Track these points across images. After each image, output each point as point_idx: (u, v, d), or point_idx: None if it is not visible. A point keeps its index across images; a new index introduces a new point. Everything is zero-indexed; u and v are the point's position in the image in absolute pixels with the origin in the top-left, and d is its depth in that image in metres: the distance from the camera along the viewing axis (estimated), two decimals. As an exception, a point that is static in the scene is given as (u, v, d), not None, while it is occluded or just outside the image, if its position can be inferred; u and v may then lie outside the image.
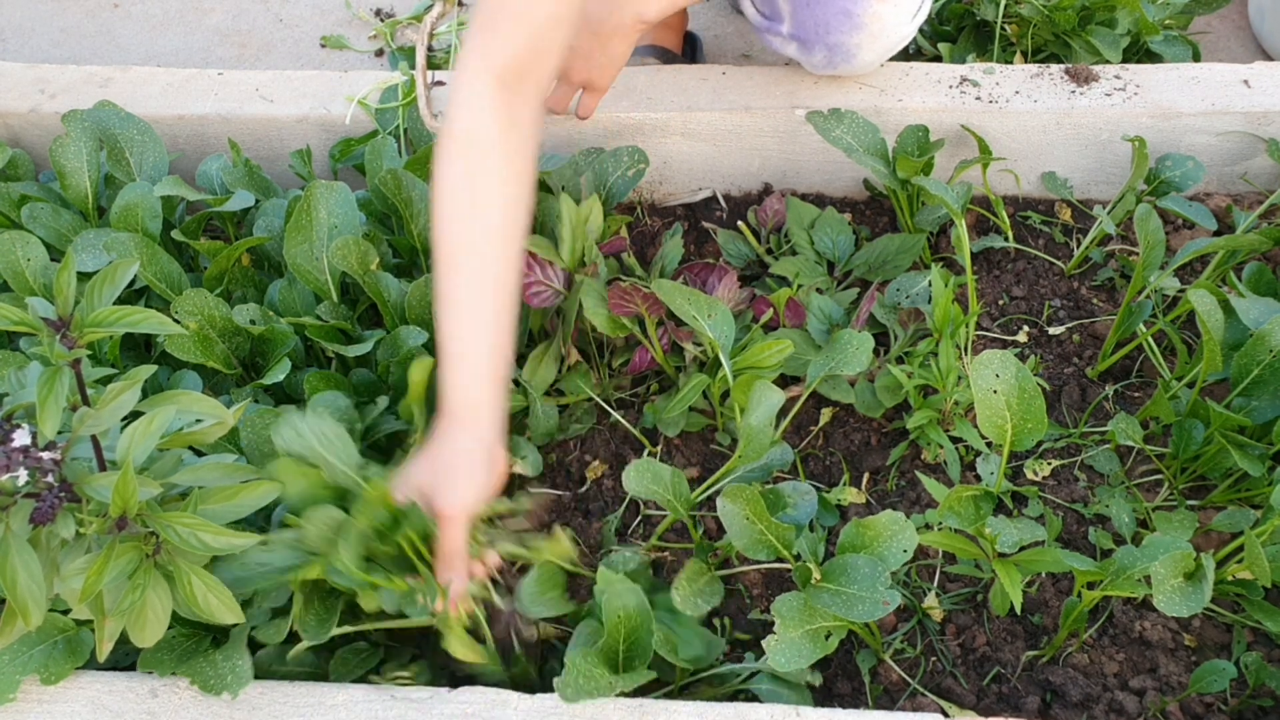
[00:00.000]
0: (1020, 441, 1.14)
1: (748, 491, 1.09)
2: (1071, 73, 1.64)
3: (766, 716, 1.03)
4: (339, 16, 2.29)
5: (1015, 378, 1.13)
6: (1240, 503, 1.27)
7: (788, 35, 1.55)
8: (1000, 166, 1.64)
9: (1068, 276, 1.56)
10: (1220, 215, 1.62)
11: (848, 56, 1.53)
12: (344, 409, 1.26)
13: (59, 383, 0.89)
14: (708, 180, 1.72)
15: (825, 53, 1.53)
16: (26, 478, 0.89)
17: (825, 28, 1.50)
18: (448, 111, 1.20)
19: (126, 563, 0.93)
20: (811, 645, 1.05)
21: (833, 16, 1.48)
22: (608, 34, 1.41)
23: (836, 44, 1.51)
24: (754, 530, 1.10)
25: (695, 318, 1.32)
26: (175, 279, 1.40)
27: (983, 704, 1.16)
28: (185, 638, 1.10)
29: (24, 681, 1.06)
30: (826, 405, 1.43)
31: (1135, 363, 1.46)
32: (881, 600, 1.02)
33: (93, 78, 1.75)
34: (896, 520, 1.08)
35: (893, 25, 1.49)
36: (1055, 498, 1.32)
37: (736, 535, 1.09)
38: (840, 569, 1.07)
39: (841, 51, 1.53)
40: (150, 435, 0.95)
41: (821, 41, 1.52)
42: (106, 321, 0.93)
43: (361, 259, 1.38)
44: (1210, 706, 1.15)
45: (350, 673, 1.16)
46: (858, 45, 1.51)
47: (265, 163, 1.73)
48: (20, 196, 1.53)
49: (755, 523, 1.10)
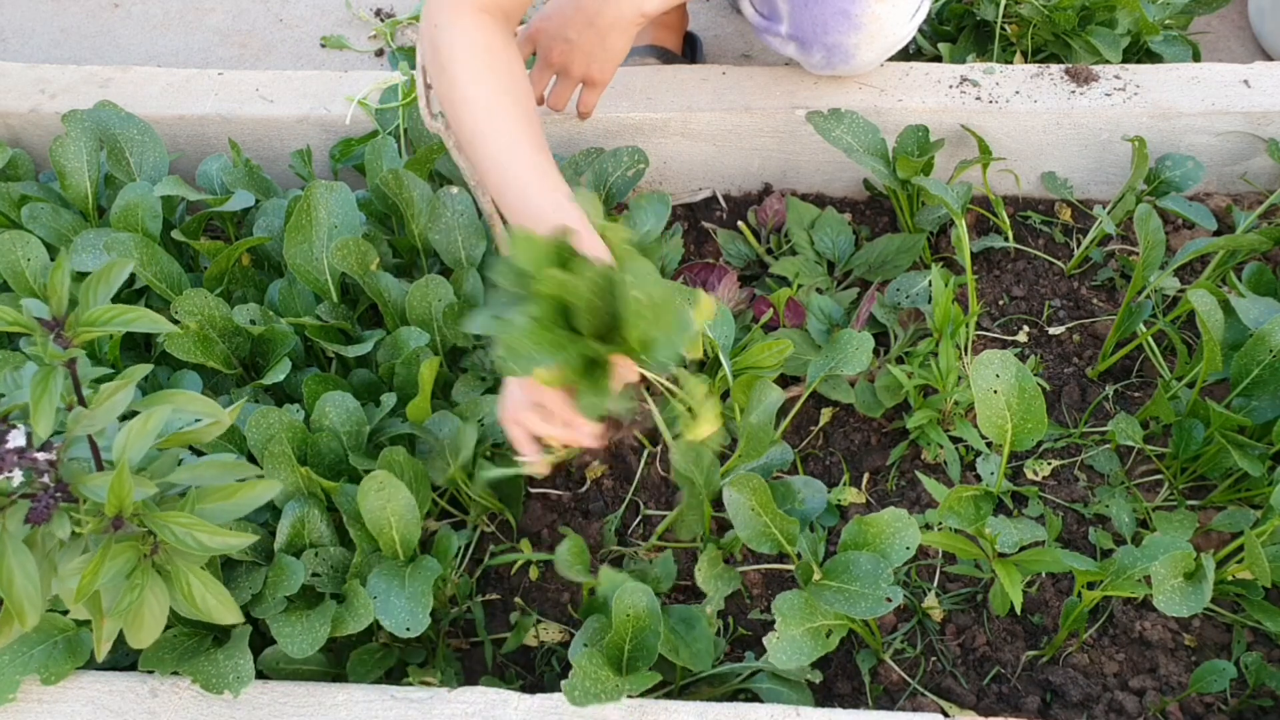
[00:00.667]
0: (1020, 441, 1.14)
1: (754, 481, 1.08)
2: (1071, 73, 1.64)
3: (766, 716, 1.03)
4: (339, 16, 2.29)
5: (1015, 378, 1.13)
6: (1240, 503, 1.27)
7: (786, 35, 1.55)
8: (1000, 166, 1.64)
9: (1068, 276, 1.56)
10: (1220, 215, 1.61)
11: (846, 57, 1.53)
12: (351, 410, 1.26)
13: (53, 383, 0.89)
14: (708, 180, 1.72)
15: (824, 53, 1.53)
16: (21, 478, 0.89)
17: (823, 28, 1.50)
18: (434, 38, 1.25)
19: (123, 563, 0.93)
20: (812, 643, 1.04)
21: (830, 17, 1.48)
22: (605, 27, 1.40)
23: (834, 44, 1.51)
24: (759, 521, 1.10)
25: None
26: (175, 279, 1.40)
27: (983, 704, 1.16)
28: (186, 637, 1.10)
29: (24, 681, 1.06)
30: (826, 405, 1.43)
31: (1135, 363, 1.46)
32: (884, 597, 1.02)
33: (93, 78, 1.75)
34: (900, 517, 1.07)
35: (891, 26, 1.49)
36: (1055, 498, 1.32)
37: (742, 525, 1.09)
38: (843, 566, 1.07)
39: (840, 52, 1.52)
40: (146, 435, 0.94)
41: (819, 42, 1.52)
42: (101, 321, 0.93)
43: (361, 259, 1.38)
44: (1210, 706, 1.14)
45: (368, 674, 1.16)
46: (855, 46, 1.51)
47: (265, 163, 1.73)
48: (20, 196, 1.53)
49: (760, 514, 1.09)
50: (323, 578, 1.17)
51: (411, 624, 1.09)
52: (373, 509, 1.13)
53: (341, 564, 1.18)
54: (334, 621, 1.10)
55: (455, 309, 1.37)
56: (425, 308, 1.37)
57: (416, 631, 1.09)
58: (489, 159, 1.21)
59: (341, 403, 1.26)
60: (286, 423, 1.21)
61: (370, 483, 1.13)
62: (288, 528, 1.18)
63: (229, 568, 1.16)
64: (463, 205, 1.45)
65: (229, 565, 1.16)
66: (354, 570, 1.16)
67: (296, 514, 1.18)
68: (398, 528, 1.14)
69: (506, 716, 1.05)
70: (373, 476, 1.13)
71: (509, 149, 1.20)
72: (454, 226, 1.44)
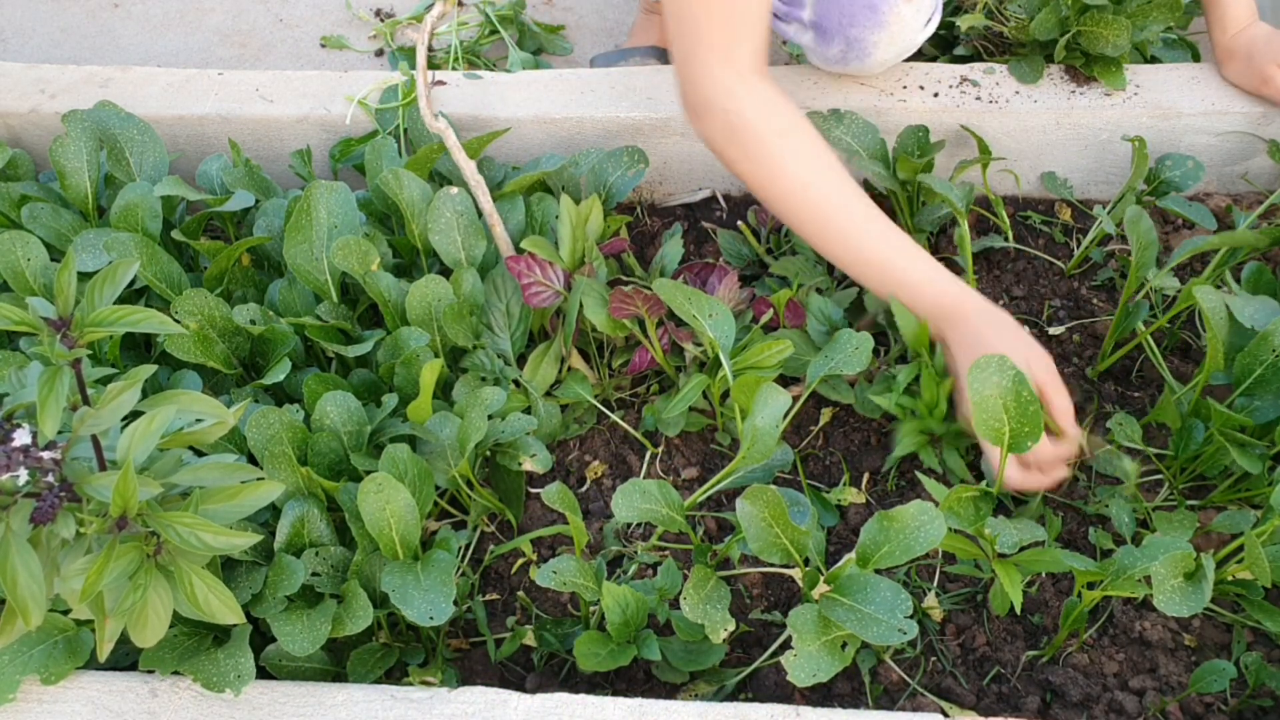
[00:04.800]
0: (1017, 445, 1.14)
1: (768, 494, 1.07)
2: (1072, 73, 1.64)
3: (766, 716, 1.03)
4: (339, 16, 2.29)
5: (1012, 382, 1.13)
6: (1240, 503, 1.27)
7: (808, 22, 1.53)
8: (1000, 166, 1.64)
9: (1068, 276, 1.57)
10: (1220, 215, 1.62)
11: (863, 53, 1.52)
12: (353, 409, 1.26)
13: (59, 382, 0.89)
14: (708, 180, 1.73)
15: (843, 46, 1.52)
16: (27, 477, 0.89)
17: (850, 19, 1.49)
18: (733, 118, 1.28)
19: (127, 563, 0.93)
20: (830, 657, 1.02)
21: (859, 10, 1.47)
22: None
23: (856, 38, 1.50)
24: (770, 534, 1.09)
25: (695, 318, 1.32)
26: (175, 279, 1.40)
27: (982, 704, 1.16)
28: (187, 636, 1.10)
29: (24, 681, 1.06)
30: (826, 405, 1.43)
31: (1135, 363, 1.46)
32: (899, 628, 0.99)
33: (93, 78, 1.75)
34: (925, 510, 1.04)
35: (911, 28, 1.49)
36: (1055, 497, 1.32)
37: (754, 537, 1.08)
38: (859, 585, 1.04)
39: (859, 47, 1.52)
40: (150, 435, 0.95)
41: (842, 34, 1.51)
42: (107, 321, 0.93)
43: (361, 259, 1.38)
44: (1210, 706, 1.15)
45: (369, 673, 1.16)
46: (875, 43, 1.50)
47: (265, 163, 1.73)
48: (20, 196, 1.53)
49: (772, 525, 1.08)
50: (323, 577, 1.17)
51: (435, 613, 1.08)
52: (372, 510, 1.14)
53: (342, 564, 1.19)
54: (334, 621, 1.11)
55: (455, 309, 1.37)
56: (425, 308, 1.37)
57: (441, 619, 1.08)
58: (852, 243, 1.31)
59: (343, 403, 1.26)
60: (287, 423, 1.21)
61: (370, 484, 1.13)
62: (288, 527, 1.18)
63: (229, 567, 1.16)
64: (463, 205, 1.45)
65: (229, 565, 1.16)
66: (354, 570, 1.16)
67: (297, 514, 1.19)
68: (398, 528, 1.14)
69: (506, 716, 1.05)
70: (372, 478, 1.13)
71: (875, 245, 1.31)
72: (454, 226, 1.45)
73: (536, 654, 1.23)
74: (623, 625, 1.13)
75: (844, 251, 1.32)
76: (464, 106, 1.67)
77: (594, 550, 1.32)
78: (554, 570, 1.13)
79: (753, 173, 1.30)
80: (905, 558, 1.03)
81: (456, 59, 2.03)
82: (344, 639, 1.19)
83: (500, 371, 1.40)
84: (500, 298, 1.44)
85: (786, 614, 1.21)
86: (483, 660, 1.24)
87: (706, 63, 1.27)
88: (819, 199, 1.30)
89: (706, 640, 1.17)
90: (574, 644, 1.14)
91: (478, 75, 1.73)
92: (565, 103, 1.67)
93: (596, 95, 1.68)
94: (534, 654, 1.24)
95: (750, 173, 1.31)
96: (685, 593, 1.11)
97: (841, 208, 1.30)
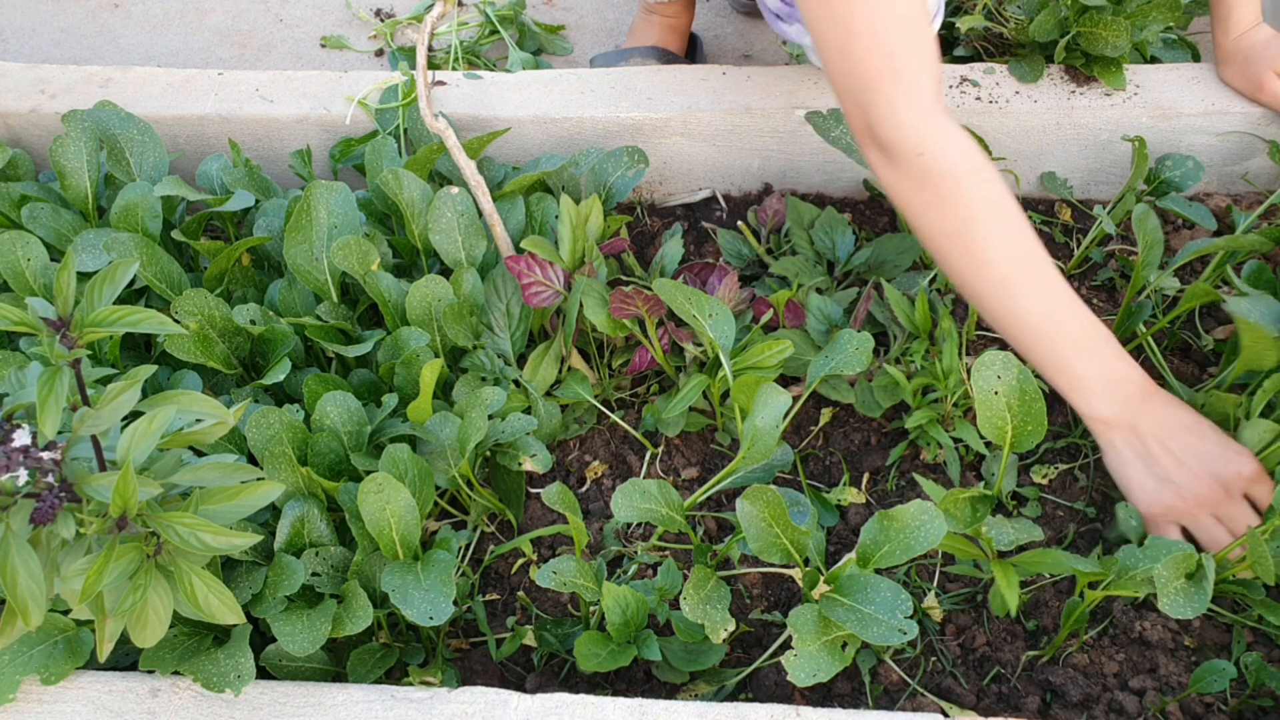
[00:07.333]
0: (1020, 443, 1.14)
1: (768, 494, 1.07)
2: (1072, 73, 1.64)
3: (766, 716, 1.03)
4: (339, 16, 2.29)
5: (1016, 379, 1.13)
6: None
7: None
8: (1000, 166, 1.64)
9: (1068, 276, 1.56)
10: (1220, 215, 1.62)
11: None
12: (353, 410, 1.26)
13: (59, 383, 0.89)
14: (708, 180, 1.73)
15: None
16: (27, 478, 0.89)
17: None
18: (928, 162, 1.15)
19: (127, 563, 0.93)
20: (830, 657, 1.02)
21: None
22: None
23: None
24: (770, 534, 1.09)
25: (695, 318, 1.32)
26: (175, 279, 1.40)
27: (982, 704, 1.16)
28: (186, 636, 1.10)
29: (24, 681, 1.06)
30: (826, 405, 1.43)
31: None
32: (899, 628, 0.99)
33: (93, 78, 1.75)
34: (925, 509, 1.04)
35: None
36: (1056, 498, 1.32)
37: (754, 538, 1.08)
38: (860, 585, 1.04)
39: None
40: (150, 435, 0.95)
41: None
42: (106, 321, 0.93)
43: (361, 259, 1.38)
44: (1210, 706, 1.14)
45: (369, 673, 1.16)
46: None
47: (265, 163, 1.73)
48: (20, 196, 1.53)
49: (772, 526, 1.08)
50: (323, 577, 1.17)
51: (435, 613, 1.08)
52: (372, 510, 1.14)
53: (342, 564, 1.19)
54: (334, 621, 1.11)
55: (455, 309, 1.37)
56: (425, 308, 1.37)
57: (441, 619, 1.08)
58: (1029, 311, 1.17)
59: (343, 403, 1.26)
60: (287, 423, 1.21)
61: (370, 484, 1.13)
62: (288, 528, 1.18)
63: (229, 567, 1.16)
64: (463, 205, 1.45)
65: (229, 565, 1.16)
66: (354, 570, 1.16)
67: (297, 514, 1.19)
68: (398, 528, 1.14)
69: (506, 716, 1.05)
70: (372, 478, 1.13)
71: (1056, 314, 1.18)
72: (454, 226, 1.45)
73: (536, 654, 1.23)
74: (623, 625, 1.14)
75: (1020, 333, 1.19)
76: (464, 106, 1.67)
77: (594, 550, 1.32)
78: (554, 570, 1.13)
79: (939, 221, 1.18)
80: (905, 558, 1.03)
81: (456, 59, 2.03)
82: (344, 639, 1.19)
83: (500, 371, 1.40)
84: (500, 298, 1.44)
85: (786, 614, 1.21)
86: (483, 660, 1.24)
87: (892, 100, 1.13)
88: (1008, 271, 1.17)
89: (706, 640, 1.17)
90: (574, 644, 1.15)
91: (478, 75, 1.73)
92: (565, 103, 1.67)
93: (596, 95, 1.68)
94: (534, 654, 1.24)
95: (935, 221, 1.18)
96: (685, 593, 1.11)
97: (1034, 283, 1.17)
